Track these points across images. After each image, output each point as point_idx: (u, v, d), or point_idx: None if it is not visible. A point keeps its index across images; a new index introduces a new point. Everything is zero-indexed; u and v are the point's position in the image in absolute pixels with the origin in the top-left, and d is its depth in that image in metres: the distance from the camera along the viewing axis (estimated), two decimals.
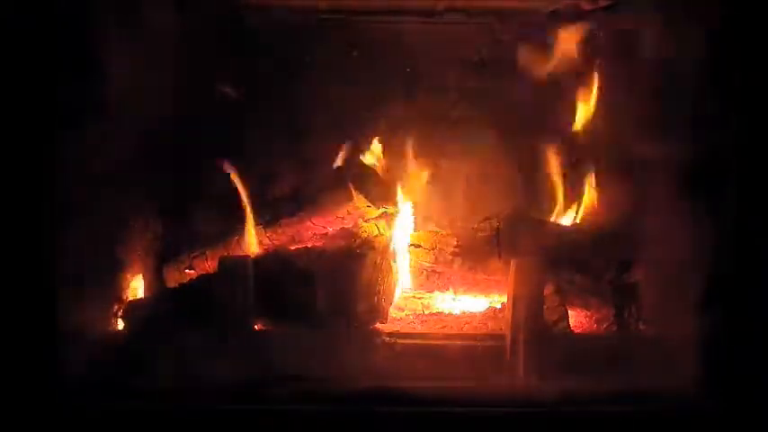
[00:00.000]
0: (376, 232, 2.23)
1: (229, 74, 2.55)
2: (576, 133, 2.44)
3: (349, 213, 2.24)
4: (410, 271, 2.28)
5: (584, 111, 2.43)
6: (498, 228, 2.26)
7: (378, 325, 2.04)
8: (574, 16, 2.52)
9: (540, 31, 2.49)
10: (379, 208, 2.24)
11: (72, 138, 1.85)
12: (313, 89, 2.58)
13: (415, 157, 2.48)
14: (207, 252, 2.32)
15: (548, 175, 2.45)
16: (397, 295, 2.22)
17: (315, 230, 2.27)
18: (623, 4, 2.34)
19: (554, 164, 2.43)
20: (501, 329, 1.98)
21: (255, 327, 1.98)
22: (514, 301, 1.88)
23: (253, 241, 2.26)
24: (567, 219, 2.40)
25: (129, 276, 2.24)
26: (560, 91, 2.51)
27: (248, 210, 2.27)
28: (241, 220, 2.27)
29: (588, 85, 2.47)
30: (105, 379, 1.80)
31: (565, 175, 2.43)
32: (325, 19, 2.56)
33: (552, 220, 2.40)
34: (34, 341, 1.73)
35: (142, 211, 2.32)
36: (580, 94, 2.47)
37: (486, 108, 2.58)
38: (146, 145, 2.22)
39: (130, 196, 2.21)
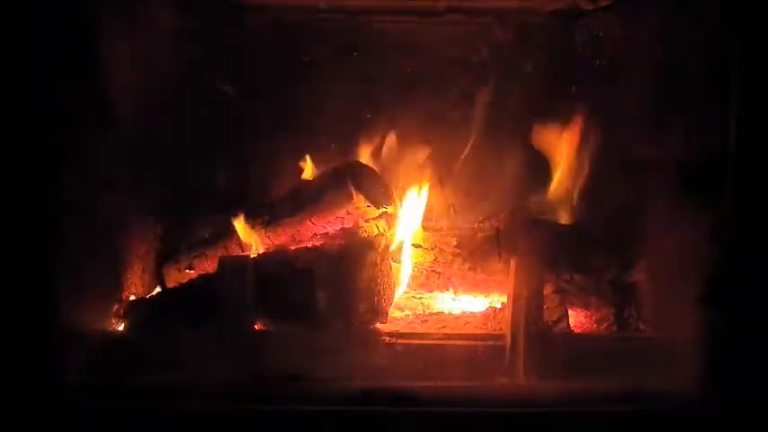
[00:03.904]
0: (376, 232, 2.23)
1: (229, 73, 2.55)
2: (576, 133, 2.44)
3: (349, 213, 2.23)
4: (410, 271, 2.28)
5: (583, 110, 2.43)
6: (498, 228, 2.26)
7: (378, 325, 2.04)
8: (574, 16, 2.52)
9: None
10: (379, 208, 2.24)
11: (72, 138, 1.85)
12: (313, 89, 2.58)
13: (416, 156, 2.48)
14: (207, 252, 2.32)
15: (548, 175, 2.46)
16: (397, 295, 2.22)
17: (315, 230, 2.27)
18: (623, 4, 2.34)
19: (554, 163, 2.44)
20: (501, 329, 1.98)
21: (255, 327, 1.98)
22: (514, 301, 1.88)
23: (253, 241, 2.26)
24: (567, 219, 2.40)
25: (129, 276, 2.24)
26: (560, 90, 2.52)
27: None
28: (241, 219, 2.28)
29: (587, 84, 2.47)
30: (105, 379, 1.80)
31: (564, 175, 2.43)
32: (325, 19, 2.57)
33: (552, 219, 2.40)
34: (34, 341, 1.73)
35: (142, 211, 2.32)
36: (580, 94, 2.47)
37: (485, 107, 2.58)
38: (146, 145, 2.23)
39: (130, 196, 2.21)
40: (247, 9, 2.54)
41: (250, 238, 2.25)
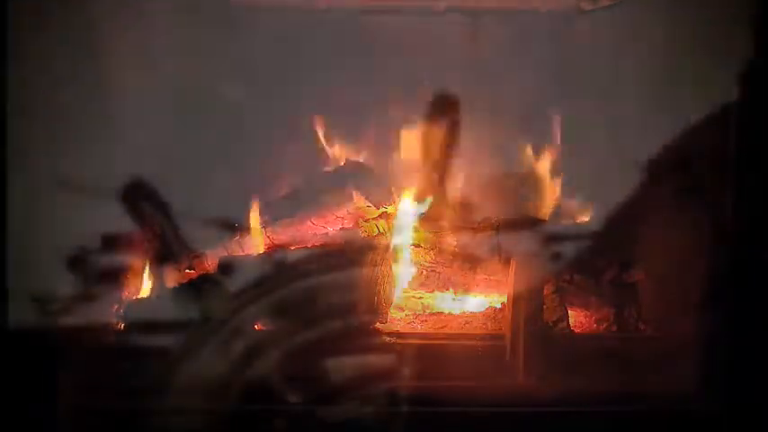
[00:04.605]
0: (376, 232, 2.23)
1: (229, 73, 2.55)
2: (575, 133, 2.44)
3: (349, 213, 2.23)
4: (410, 271, 2.28)
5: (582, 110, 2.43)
6: (498, 228, 2.26)
7: (378, 325, 2.04)
8: (574, 16, 2.52)
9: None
10: (378, 208, 2.24)
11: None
12: (313, 89, 2.58)
13: (416, 156, 2.47)
14: (207, 252, 2.32)
15: (547, 175, 2.46)
16: (397, 295, 2.22)
17: (315, 230, 2.27)
18: (623, 3, 2.33)
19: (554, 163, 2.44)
20: (501, 329, 1.98)
21: (255, 327, 1.98)
22: (514, 300, 1.88)
23: (253, 241, 2.26)
24: (566, 219, 2.40)
25: (129, 276, 2.24)
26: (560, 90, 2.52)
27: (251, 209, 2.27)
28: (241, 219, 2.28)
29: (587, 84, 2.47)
30: (104, 379, 1.80)
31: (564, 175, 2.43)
32: (325, 19, 2.56)
33: (552, 220, 2.40)
34: (33, 341, 1.73)
35: (143, 212, 2.32)
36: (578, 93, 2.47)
37: (485, 108, 2.58)
38: (146, 144, 2.23)
39: (131, 196, 2.21)
40: (247, 9, 2.53)
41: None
